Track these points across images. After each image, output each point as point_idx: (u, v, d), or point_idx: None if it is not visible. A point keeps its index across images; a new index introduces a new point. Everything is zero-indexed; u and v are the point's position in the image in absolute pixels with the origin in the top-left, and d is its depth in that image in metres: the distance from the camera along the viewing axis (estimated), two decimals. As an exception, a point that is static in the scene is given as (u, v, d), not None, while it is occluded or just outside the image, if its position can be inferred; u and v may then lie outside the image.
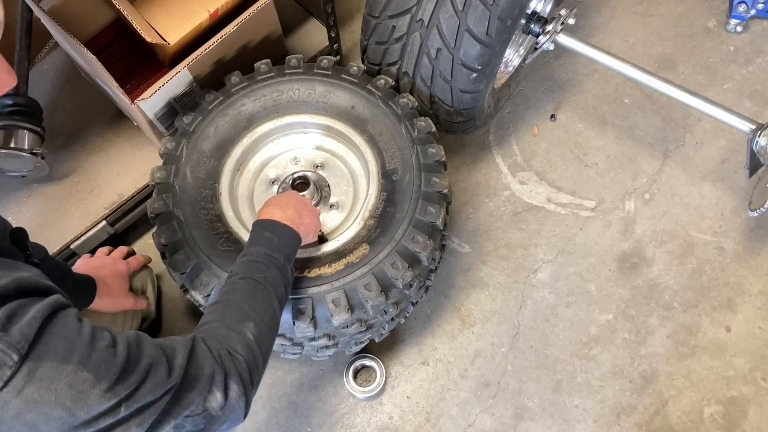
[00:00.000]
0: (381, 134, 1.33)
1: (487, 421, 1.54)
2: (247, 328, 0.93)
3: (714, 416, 1.53)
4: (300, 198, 1.21)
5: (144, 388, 0.75)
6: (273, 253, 1.05)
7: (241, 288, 1.00)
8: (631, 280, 1.67)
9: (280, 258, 1.05)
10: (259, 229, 1.09)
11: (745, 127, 1.47)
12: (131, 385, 0.73)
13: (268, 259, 1.04)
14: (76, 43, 1.33)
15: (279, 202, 1.15)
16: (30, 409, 0.66)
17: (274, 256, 1.05)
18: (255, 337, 0.93)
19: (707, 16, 2.01)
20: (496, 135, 1.87)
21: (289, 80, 1.39)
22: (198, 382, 0.82)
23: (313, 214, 1.20)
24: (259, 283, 1.00)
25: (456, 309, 1.65)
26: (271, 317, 0.99)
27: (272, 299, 1.00)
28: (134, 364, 0.75)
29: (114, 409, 0.71)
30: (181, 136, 1.33)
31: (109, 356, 0.73)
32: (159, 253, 1.26)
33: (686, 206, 1.75)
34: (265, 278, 1.01)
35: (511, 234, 1.74)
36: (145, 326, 1.54)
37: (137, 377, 0.74)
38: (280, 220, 1.10)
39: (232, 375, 0.87)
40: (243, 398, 0.87)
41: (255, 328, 0.94)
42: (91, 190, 1.59)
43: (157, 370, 0.77)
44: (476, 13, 1.28)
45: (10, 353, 0.65)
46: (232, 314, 0.95)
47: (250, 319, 0.95)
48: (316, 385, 1.58)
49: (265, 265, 1.03)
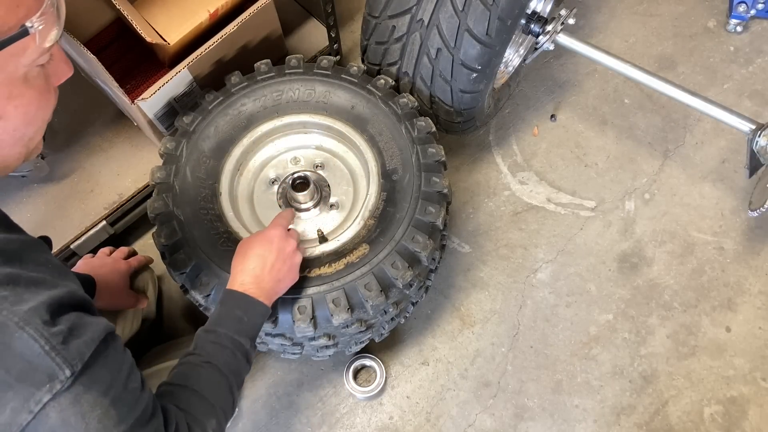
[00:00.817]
0: (381, 134, 1.33)
1: (487, 421, 1.54)
2: (209, 424, 0.92)
3: (714, 416, 1.53)
4: (280, 248, 1.09)
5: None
6: (240, 338, 1.01)
7: (207, 377, 0.96)
8: (631, 280, 1.67)
9: (247, 343, 1.02)
10: (230, 304, 1.04)
11: (745, 127, 1.47)
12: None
13: (235, 344, 1.00)
14: (76, 43, 1.33)
15: (256, 261, 1.07)
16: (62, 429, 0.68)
17: (241, 341, 1.01)
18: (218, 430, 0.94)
19: (707, 16, 2.01)
20: (496, 135, 1.87)
21: (289, 80, 1.39)
22: None
23: (292, 270, 1.11)
24: (223, 374, 0.97)
25: (456, 309, 1.65)
26: (230, 407, 0.99)
27: (234, 389, 0.99)
28: (150, 417, 0.78)
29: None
30: (181, 136, 1.33)
31: (134, 401, 0.76)
32: (159, 253, 1.26)
33: (686, 206, 1.75)
34: (229, 368, 0.98)
35: (511, 234, 1.74)
36: (145, 326, 1.54)
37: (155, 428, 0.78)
38: (254, 294, 1.04)
39: None
40: None
41: (216, 425, 0.94)
42: (91, 190, 1.59)
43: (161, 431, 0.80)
44: (476, 13, 1.28)
45: (64, 368, 0.67)
46: (198, 406, 0.93)
47: (213, 416, 0.93)
48: (316, 385, 1.58)
49: (231, 352, 0.99)
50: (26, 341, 0.66)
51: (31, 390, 0.65)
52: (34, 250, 0.77)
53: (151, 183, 1.30)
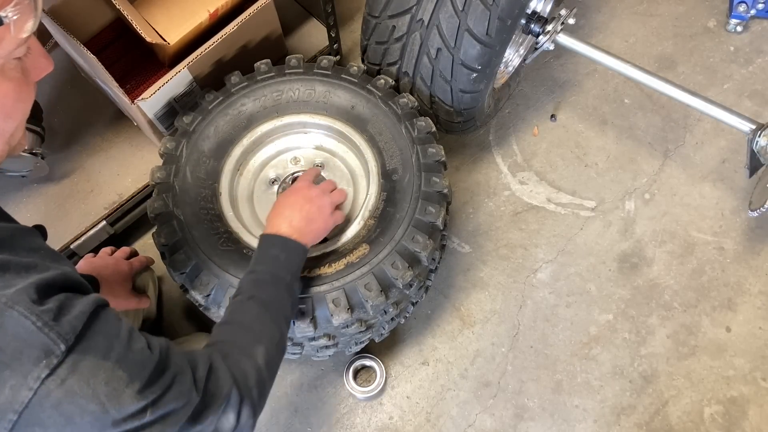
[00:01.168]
0: (381, 134, 1.33)
1: (487, 421, 1.54)
2: (258, 352, 0.95)
3: (714, 416, 1.53)
4: (308, 196, 1.17)
5: (169, 395, 0.76)
6: (280, 272, 1.05)
7: (249, 310, 1.00)
8: (631, 280, 1.67)
9: (287, 276, 1.05)
10: (266, 246, 1.09)
11: (745, 127, 1.47)
12: (158, 389, 0.75)
13: (275, 279, 1.04)
14: (76, 43, 1.33)
15: (286, 209, 1.14)
16: (69, 400, 0.67)
17: (281, 275, 1.05)
18: (265, 362, 0.95)
19: (707, 16, 2.01)
20: (496, 135, 1.87)
21: (289, 80, 1.38)
22: (215, 400, 0.84)
23: (322, 213, 1.17)
24: (267, 304, 1.01)
25: (456, 309, 1.65)
26: (279, 339, 1.00)
27: (280, 321, 1.01)
28: (163, 370, 0.77)
29: (140, 413, 0.72)
30: (181, 136, 1.33)
31: (143, 358, 0.75)
32: (159, 253, 1.26)
33: (686, 206, 1.75)
34: (272, 300, 1.02)
35: (511, 234, 1.74)
36: (146, 327, 1.54)
37: (165, 383, 0.76)
38: (288, 235, 1.09)
39: (245, 399, 0.88)
40: (252, 421, 0.90)
41: (265, 353, 0.95)
42: (91, 190, 1.59)
43: (183, 379, 0.79)
44: (476, 13, 1.28)
45: (59, 343, 0.67)
46: (243, 337, 0.96)
47: (260, 344, 0.96)
48: (316, 385, 1.58)
49: (272, 286, 1.03)
50: (17, 319, 0.65)
51: (28, 367, 0.65)
52: (25, 237, 0.77)
53: (151, 183, 1.30)
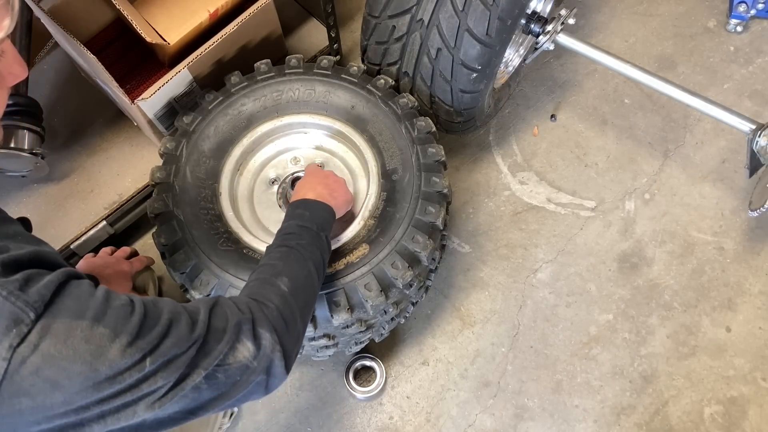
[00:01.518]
0: (381, 134, 1.33)
1: (487, 421, 1.54)
2: (280, 281, 0.94)
3: (714, 416, 1.53)
4: (325, 174, 1.24)
5: (167, 342, 0.74)
6: (305, 223, 1.08)
7: (274, 254, 1.02)
8: (631, 280, 1.67)
9: (313, 227, 1.08)
10: (292, 208, 1.13)
11: (745, 127, 1.47)
12: (153, 340, 0.73)
13: (301, 228, 1.07)
14: (76, 43, 1.33)
15: (307, 185, 1.19)
16: (48, 364, 0.66)
17: (307, 225, 1.07)
18: (289, 289, 0.93)
19: (707, 16, 2.01)
20: (496, 135, 1.87)
21: (289, 80, 1.38)
22: (224, 334, 0.80)
23: (341, 186, 1.23)
24: (292, 248, 1.02)
25: (456, 309, 1.65)
26: (306, 276, 0.99)
27: (307, 261, 1.01)
28: (154, 321, 0.74)
29: (139, 363, 0.71)
30: (181, 136, 1.33)
31: (125, 314, 0.73)
32: (159, 253, 1.26)
33: (686, 206, 1.75)
34: (298, 244, 1.03)
35: (511, 234, 1.74)
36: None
37: (158, 332, 0.74)
38: (312, 197, 1.14)
39: (262, 323, 0.85)
40: (278, 347, 0.85)
41: (289, 282, 0.95)
42: (91, 190, 1.59)
43: (178, 325, 0.76)
44: (476, 13, 1.28)
45: (28, 311, 0.66)
46: (265, 271, 0.97)
47: (283, 275, 0.96)
48: (316, 385, 1.58)
49: (297, 235, 1.06)
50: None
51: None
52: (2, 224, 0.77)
53: (151, 183, 1.30)
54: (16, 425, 0.66)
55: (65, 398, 0.67)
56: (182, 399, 0.75)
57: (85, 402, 0.68)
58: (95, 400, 0.68)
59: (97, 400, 0.68)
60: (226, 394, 0.80)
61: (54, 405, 0.67)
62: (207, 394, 0.78)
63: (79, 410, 0.68)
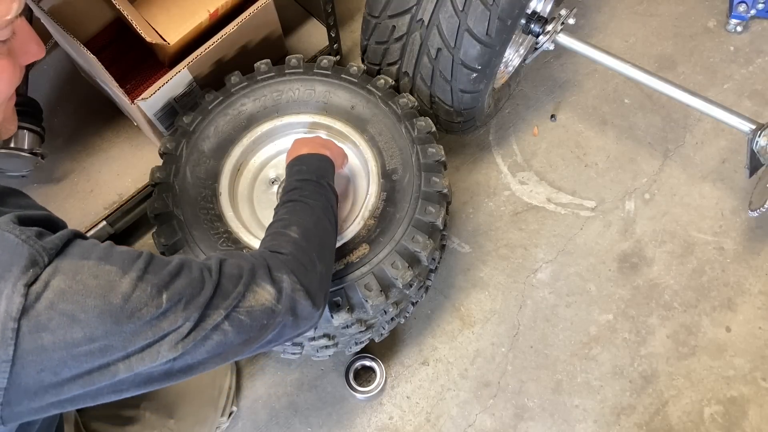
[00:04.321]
0: (381, 134, 1.33)
1: (487, 421, 1.54)
2: (290, 230, 0.95)
3: (714, 416, 1.53)
4: (318, 137, 1.28)
5: (179, 281, 0.74)
6: (304, 176, 1.08)
7: (280, 212, 1.02)
8: (631, 280, 1.67)
9: (312, 177, 1.08)
10: (289, 167, 1.13)
11: (745, 127, 1.47)
12: (165, 277, 0.73)
13: (301, 182, 1.07)
14: (76, 43, 1.33)
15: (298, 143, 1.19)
16: (61, 299, 0.67)
17: (306, 177, 1.08)
18: (300, 236, 0.94)
19: (707, 16, 2.01)
20: (496, 135, 1.87)
21: (289, 80, 1.38)
22: (239, 279, 0.81)
23: (332, 142, 1.23)
24: (296, 201, 1.03)
25: (456, 309, 1.65)
26: (315, 222, 1.00)
27: (314, 209, 1.02)
28: (163, 262, 0.75)
29: (155, 299, 0.71)
30: (181, 136, 1.33)
31: (131, 255, 0.74)
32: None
33: (686, 206, 1.75)
34: (301, 197, 1.03)
35: (511, 234, 1.74)
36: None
37: (169, 271, 0.74)
38: (306, 152, 1.14)
39: (278, 267, 0.86)
40: (300, 287, 0.86)
41: (298, 230, 0.95)
42: (91, 190, 1.59)
43: (190, 268, 0.77)
44: (476, 13, 1.28)
45: (43, 255, 0.68)
46: (273, 227, 0.98)
47: (292, 224, 0.96)
48: (316, 385, 1.58)
49: (299, 189, 1.06)
50: (3, 235, 0.67)
51: (17, 276, 0.66)
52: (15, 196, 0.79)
53: (151, 183, 1.30)
54: (42, 363, 0.66)
55: (86, 333, 0.68)
56: (207, 341, 0.75)
57: (108, 340, 0.68)
58: (118, 338, 0.69)
59: (119, 338, 0.69)
60: (255, 338, 0.81)
61: (76, 341, 0.67)
62: (234, 338, 0.78)
63: (104, 349, 0.69)
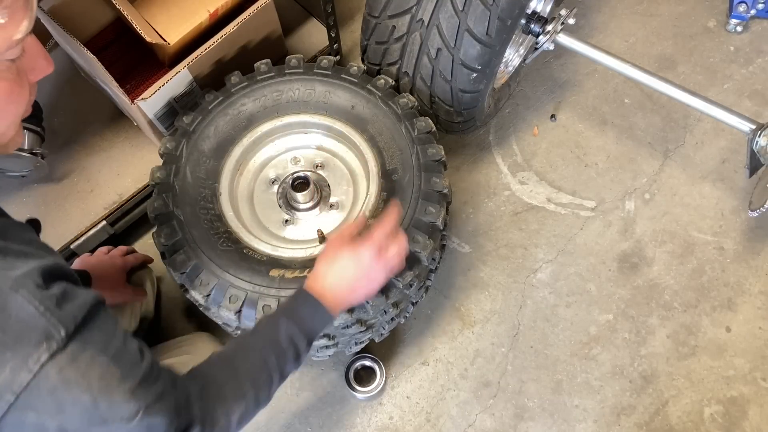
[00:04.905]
0: (381, 134, 1.33)
1: (487, 421, 1.54)
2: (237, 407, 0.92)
3: (714, 416, 1.53)
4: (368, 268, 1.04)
5: (160, 404, 0.77)
6: (298, 336, 0.99)
7: (250, 363, 0.96)
8: (631, 280, 1.67)
9: (302, 344, 0.99)
10: (302, 299, 1.02)
11: (745, 127, 1.47)
12: (151, 394, 0.76)
13: (291, 342, 0.98)
14: (76, 43, 1.33)
15: (338, 273, 1.03)
16: (64, 388, 0.68)
17: (297, 342, 0.98)
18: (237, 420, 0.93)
19: (707, 16, 2.01)
20: (496, 135, 1.87)
21: (289, 80, 1.38)
22: None
23: (370, 286, 1.06)
24: (268, 367, 0.96)
25: (456, 309, 1.65)
26: (263, 399, 0.98)
27: (273, 384, 0.97)
28: (155, 378, 0.78)
29: (131, 417, 0.73)
30: (181, 136, 1.33)
31: (136, 360, 0.76)
32: (159, 253, 1.26)
33: (686, 206, 1.75)
34: (277, 363, 0.97)
35: (511, 234, 1.74)
36: (144, 325, 1.54)
37: (156, 390, 0.77)
38: (326, 302, 1.01)
39: None
40: None
41: (244, 410, 0.94)
42: (91, 190, 1.59)
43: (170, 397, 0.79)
44: (476, 13, 1.28)
45: (60, 329, 0.68)
46: (228, 385, 0.93)
47: (242, 400, 0.93)
48: (316, 385, 1.58)
49: (284, 349, 0.98)
50: (21, 303, 0.66)
51: (28, 350, 0.66)
52: (18, 230, 0.79)
53: (151, 183, 1.30)
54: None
55: (60, 424, 0.69)
56: None
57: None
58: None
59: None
60: None
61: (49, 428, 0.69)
62: None
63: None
